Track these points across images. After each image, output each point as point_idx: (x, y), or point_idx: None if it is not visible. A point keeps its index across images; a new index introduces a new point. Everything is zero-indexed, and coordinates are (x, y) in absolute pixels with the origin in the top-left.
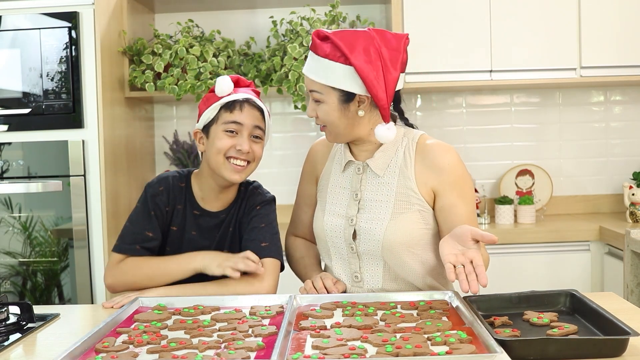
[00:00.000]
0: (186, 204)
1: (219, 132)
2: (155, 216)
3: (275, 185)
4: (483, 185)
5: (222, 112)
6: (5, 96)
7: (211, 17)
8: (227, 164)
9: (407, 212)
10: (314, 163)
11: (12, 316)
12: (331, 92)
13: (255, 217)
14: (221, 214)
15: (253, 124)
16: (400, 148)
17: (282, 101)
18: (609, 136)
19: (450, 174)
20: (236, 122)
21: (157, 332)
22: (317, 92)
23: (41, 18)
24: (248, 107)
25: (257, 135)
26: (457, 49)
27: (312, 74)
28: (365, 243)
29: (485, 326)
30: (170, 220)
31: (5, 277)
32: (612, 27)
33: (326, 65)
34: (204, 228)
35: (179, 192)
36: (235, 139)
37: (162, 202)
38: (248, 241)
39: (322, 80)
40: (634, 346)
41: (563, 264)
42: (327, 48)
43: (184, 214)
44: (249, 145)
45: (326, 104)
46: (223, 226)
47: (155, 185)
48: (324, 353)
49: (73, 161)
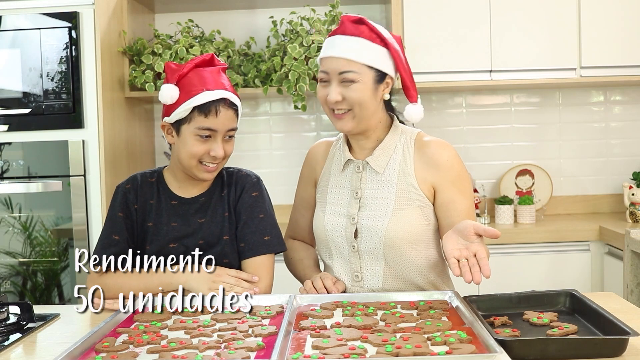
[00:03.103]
0: (160, 198)
1: (191, 136)
2: (124, 217)
3: (275, 185)
4: (483, 185)
5: (196, 114)
6: (5, 96)
7: (211, 17)
8: (199, 166)
9: (407, 208)
10: (313, 165)
11: (12, 316)
12: (367, 72)
13: (254, 205)
14: (200, 198)
15: (227, 128)
16: (399, 145)
17: (282, 101)
18: (609, 136)
19: (449, 170)
20: (210, 128)
21: (157, 332)
22: (352, 72)
23: (41, 18)
24: (224, 109)
25: (230, 135)
26: (457, 49)
27: (348, 54)
28: (367, 241)
29: (485, 326)
30: (144, 217)
31: (5, 277)
32: (612, 27)
33: (364, 45)
34: (185, 216)
35: (148, 187)
36: (209, 143)
37: (129, 200)
38: (249, 234)
39: (361, 59)
40: (633, 346)
41: (563, 264)
42: (364, 30)
43: (159, 208)
44: (223, 148)
45: (361, 83)
46: (205, 210)
47: (122, 185)
48: (324, 353)
49: (73, 161)
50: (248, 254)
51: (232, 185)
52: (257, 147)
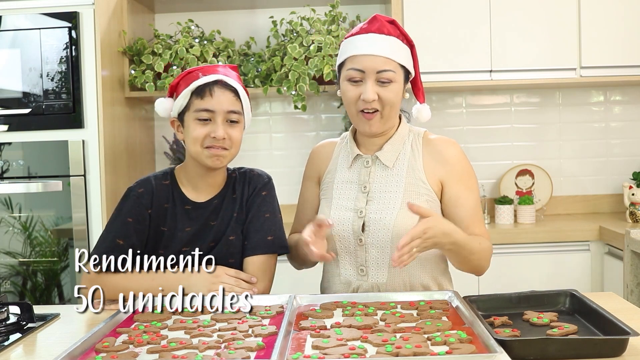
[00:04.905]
0: (175, 202)
1: (192, 122)
2: (133, 222)
3: (275, 185)
4: (483, 185)
5: (194, 98)
6: (5, 96)
7: (211, 17)
8: (206, 152)
9: (415, 202)
10: (317, 164)
11: (12, 316)
12: (401, 72)
13: (262, 204)
14: (214, 200)
15: (226, 109)
16: (407, 142)
17: (282, 101)
18: (609, 136)
19: (456, 166)
20: (207, 109)
21: (157, 332)
22: (391, 72)
23: (41, 18)
24: (219, 90)
25: (233, 120)
26: (457, 49)
27: (387, 53)
28: (375, 234)
29: (485, 326)
30: (158, 221)
31: (5, 277)
32: (612, 27)
33: (398, 45)
34: (198, 220)
35: (163, 190)
36: (209, 126)
37: (143, 204)
38: (253, 232)
39: (398, 58)
40: (633, 346)
41: (563, 264)
42: (394, 30)
43: (174, 212)
44: (224, 131)
45: (397, 84)
46: (217, 213)
47: (135, 188)
48: (324, 353)
49: (73, 161)
50: (249, 252)
51: (244, 185)
52: (257, 147)
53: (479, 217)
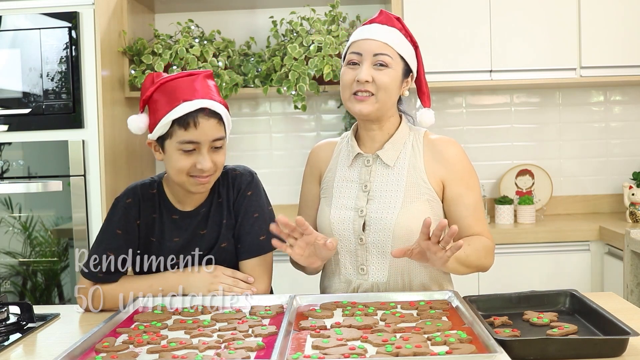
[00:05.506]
0: (162, 212)
1: (175, 151)
2: (123, 234)
3: (274, 185)
4: (483, 185)
5: (176, 128)
6: (5, 96)
7: (211, 17)
8: (191, 179)
9: (417, 202)
10: (317, 163)
11: (12, 316)
12: (399, 62)
13: (249, 205)
14: (201, 209)
15: (211, 138)
16: (408, 142)
17: (282, 101)
18: (609, 136)
19: (457, 165)
20: (192, 141)
21: (157, 332)
22: (387, 56)
23: (41, 18)
24: (203, 120)
25: (217, 146)
26: (457, 48)
27: (385, 39)
28: (376, 233)
29: (485, 326)
30: (147, 231)
31: (5, 277)
32: (612, 27)
33: (400, 37)
34: (186, 230)
35: (150, 200)
36: (195, 156)
37: (131, 216)
38: (244, 235)
39: (396, 47)
40: (633, 346)
41: (563, 264)
42: (400, 26)
43: (161, 223)
44: (210, 160)
45: (393, 70)
46: (206, 221)
47: (122, 199)
48: (324, 353)
49: (73, 161)
50: (244, 256)
51: (228, 188)
52: (257, 147)
53: (481, 215)
